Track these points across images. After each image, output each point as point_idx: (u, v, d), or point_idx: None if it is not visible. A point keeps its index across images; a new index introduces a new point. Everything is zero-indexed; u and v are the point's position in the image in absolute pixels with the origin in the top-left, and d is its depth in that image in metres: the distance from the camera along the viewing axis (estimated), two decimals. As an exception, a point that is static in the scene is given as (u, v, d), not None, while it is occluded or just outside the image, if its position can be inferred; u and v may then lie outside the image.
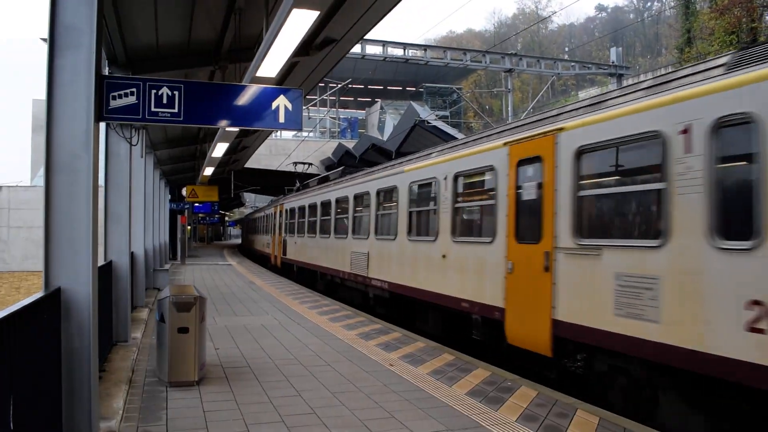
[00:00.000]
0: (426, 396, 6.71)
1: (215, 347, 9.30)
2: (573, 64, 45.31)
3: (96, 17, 4.83)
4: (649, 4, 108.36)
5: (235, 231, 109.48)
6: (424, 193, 11.76)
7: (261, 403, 6.37)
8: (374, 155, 35.01)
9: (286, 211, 26.72)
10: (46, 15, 4.78)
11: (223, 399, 6.53)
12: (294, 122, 6.07)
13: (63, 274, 4.72)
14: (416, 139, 30.55)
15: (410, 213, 12.15)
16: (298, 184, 29.83)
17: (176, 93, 5.66)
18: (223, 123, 6.14)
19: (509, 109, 34.95)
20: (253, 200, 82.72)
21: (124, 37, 9.29)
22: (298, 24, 6.00)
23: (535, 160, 8.07)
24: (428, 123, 31.82)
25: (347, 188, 16.90)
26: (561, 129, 7.60)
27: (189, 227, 41.64)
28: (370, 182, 14.90)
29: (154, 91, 5.66)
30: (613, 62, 41.33)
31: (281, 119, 6.00)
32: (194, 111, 5.76)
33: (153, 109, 5.61)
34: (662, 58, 78.72)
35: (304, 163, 32.92)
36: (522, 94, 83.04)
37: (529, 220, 8.14)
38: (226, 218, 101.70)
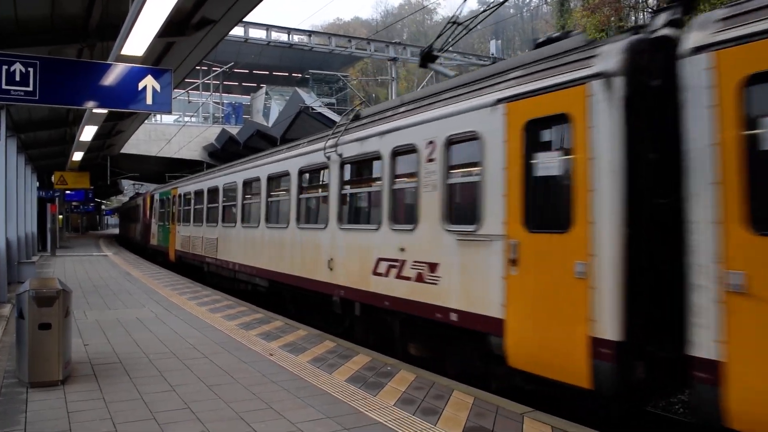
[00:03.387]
0: (305, 384, 6.63)
1: (84, 343, 8.76)
2: (455, 54, 46.38)
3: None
4: (527, 0, 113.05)
5: (113, 220, 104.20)
6: None
7: (131, 401, 6.04)
8: (259, 141, 34.39)
9: None
10: None
11: (89, 398, 6.14)
12: (163, 104, 5.76)
13: None
14: (301, 125, 30.26)
15: None
16: None
17: (31, 70, 5.19)
18: (85, 103, 5.74)
19: (393, 97, 35.31)
20: (132, 188, 79.13)
21: (-24, 9, 8.49)
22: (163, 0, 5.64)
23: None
24: (313, 110, 31.55)
25: None
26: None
27: (60, 216, 39.22)
28: None
29: (5, 67, 5.15)
30: (492, 54, 42.68)
31: (149, 101, 5.68)
32: (52, 90, 5.31)
33: (4, 86, 5.11)
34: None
35: None
36: (408, 83, 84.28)
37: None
38: (103, 207, 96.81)
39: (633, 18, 36.29)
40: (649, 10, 34.73)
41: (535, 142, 6.24)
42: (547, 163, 6.11)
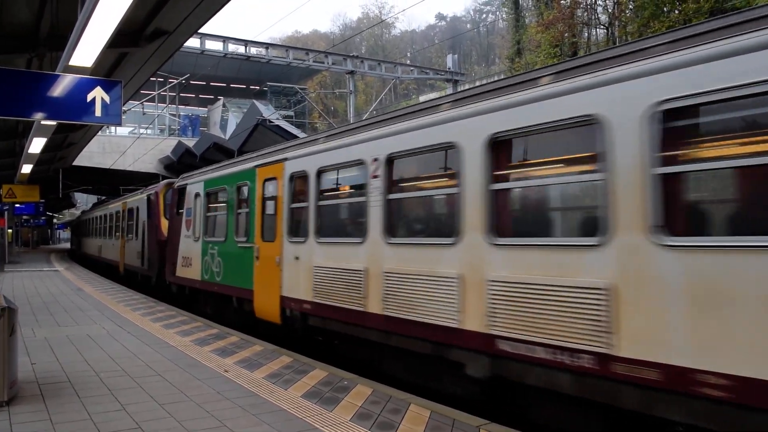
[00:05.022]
0: (260, 401, 6.52)
1: (31, 362, 8.47)
2: (412, 68, 46.79)
3: None
4: (484, 15, 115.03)
5: (66, 234, 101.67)
6: None
7: (80, 421, 5.86)
8: (216, 154, 34.05)
9: None
10: None
11: (36, 419, 5.93)
12: (113, 116, 5.61)
13: None
14: (259, 138, 30.08)
15: None
16: None
17: (-26, 80, 5.03)
18: (32, 115, 5.55)
19: (351, 110, 35.37)
20: (85, 200, 77.36)
21: None
22: (111, 10, 5.48)
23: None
24: (271, 122, 31.38)
25: None
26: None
27: (9, 230, 38.11)
28: None
29: (-54, 78, 4.99)
30: (449, 69, 43.11)
31: (98, 113, 5.51)
32: (-4, 101, 5.15)
33: (-55, 97, 4.93)
34: (495, 67, 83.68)
35: None
36: (366, 97, 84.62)
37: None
38: (55, 220, 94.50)
39: (586, 34, 37.18)
40: (602, 26, 35.65)
41: None
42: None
